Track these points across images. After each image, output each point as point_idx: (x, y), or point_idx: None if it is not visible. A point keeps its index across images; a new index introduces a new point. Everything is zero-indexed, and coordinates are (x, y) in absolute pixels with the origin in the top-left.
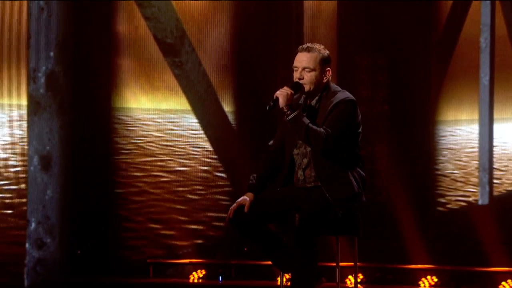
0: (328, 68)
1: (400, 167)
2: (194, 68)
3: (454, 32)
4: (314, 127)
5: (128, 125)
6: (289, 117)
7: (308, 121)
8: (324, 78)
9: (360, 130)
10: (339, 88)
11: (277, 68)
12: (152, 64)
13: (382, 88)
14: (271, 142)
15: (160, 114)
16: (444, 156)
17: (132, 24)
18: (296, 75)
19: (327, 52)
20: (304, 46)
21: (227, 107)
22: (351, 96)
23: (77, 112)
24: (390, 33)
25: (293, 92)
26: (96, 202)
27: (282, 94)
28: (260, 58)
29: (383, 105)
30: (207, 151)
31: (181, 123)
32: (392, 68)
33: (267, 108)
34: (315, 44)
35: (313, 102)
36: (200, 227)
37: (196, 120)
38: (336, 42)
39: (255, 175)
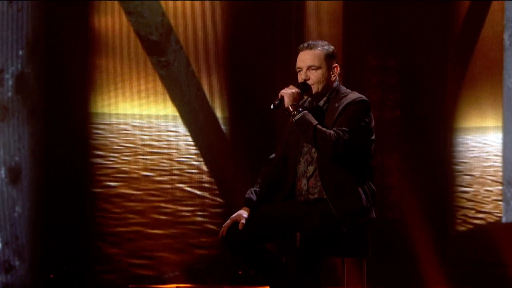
0: (335, 64)
1: (413, 180)
2: (182, 69)
3: (474, 29)
4: (323, 128)
5: (107, 133)
6: (295, 118)
7: (316, 122)
8: (332, 75)
9: (373, 137)
10: (349, 90)
11: (276, 69)
12: (134, 64)
13: (393, 91)
14: (273, 156)
15: (143, 120)
16: (463, 168)
17: (112, 19)
18: (301, 77)
19: (332, 47)
20: (305, 44)
21: (219, 113)
22: (364, 97)
23: (49, 118)
24: (401, 32)
25: (299, 91)
26: (71, 219)
27: (287, 93)
28: (257, 59)
29: (394, 110)
30: (196, 162)
31: (167, 131)
32: (404, 69)
33: (271, 107)
34: (317, 40)
35: (321, 103)
36: (188, 247)
37: (184, 127)
38: (341, 41)
39: (252, 189)
